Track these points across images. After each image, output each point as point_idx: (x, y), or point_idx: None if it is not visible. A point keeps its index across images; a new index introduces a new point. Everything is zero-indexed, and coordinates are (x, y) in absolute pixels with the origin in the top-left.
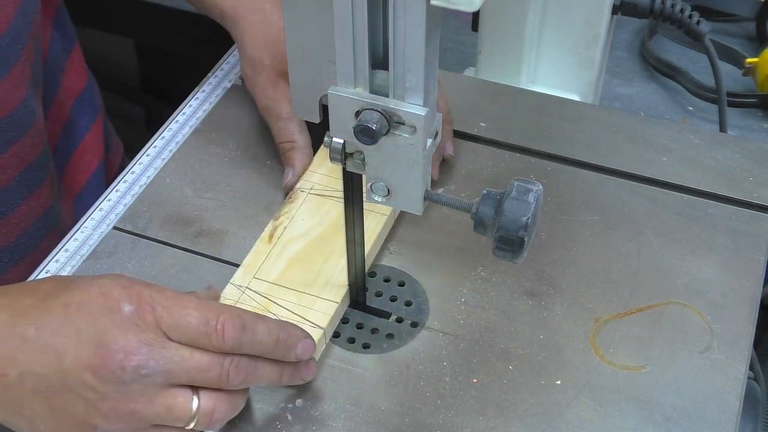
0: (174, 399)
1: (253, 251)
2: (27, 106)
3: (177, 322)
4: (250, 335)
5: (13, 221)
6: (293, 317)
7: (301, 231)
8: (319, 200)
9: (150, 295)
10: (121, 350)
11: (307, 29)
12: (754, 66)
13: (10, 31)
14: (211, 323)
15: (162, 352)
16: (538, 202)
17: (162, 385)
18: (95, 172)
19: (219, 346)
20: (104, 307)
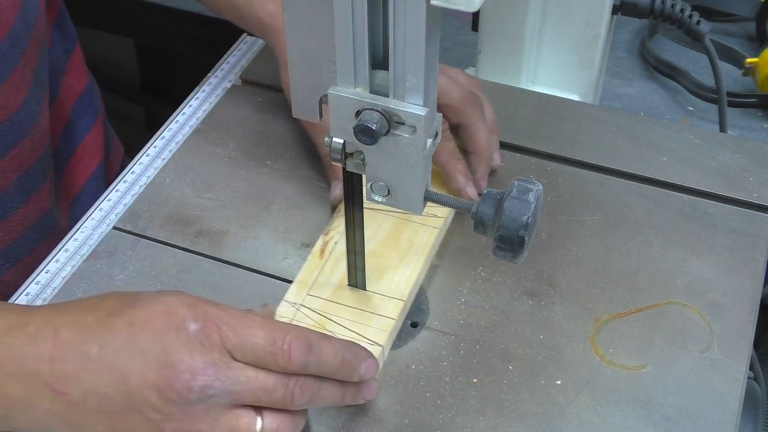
0: (238, 420)
1: (305, 267)
2: (27, 109)
3: (243, 342)
4: (315, 356)
5: (10, 224)
6: (350, 335)
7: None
8: (369, 213)
9: (215, 314)
10: (187, 370)
11: (307, 29)
12: (754, 66)
13: (10, 35)
14: (278, 343)
15: (227, 373)
16: (539, 201)
17: (226, 406)
18: (94, 173)
19: (285, 366)
20: (169, 326)
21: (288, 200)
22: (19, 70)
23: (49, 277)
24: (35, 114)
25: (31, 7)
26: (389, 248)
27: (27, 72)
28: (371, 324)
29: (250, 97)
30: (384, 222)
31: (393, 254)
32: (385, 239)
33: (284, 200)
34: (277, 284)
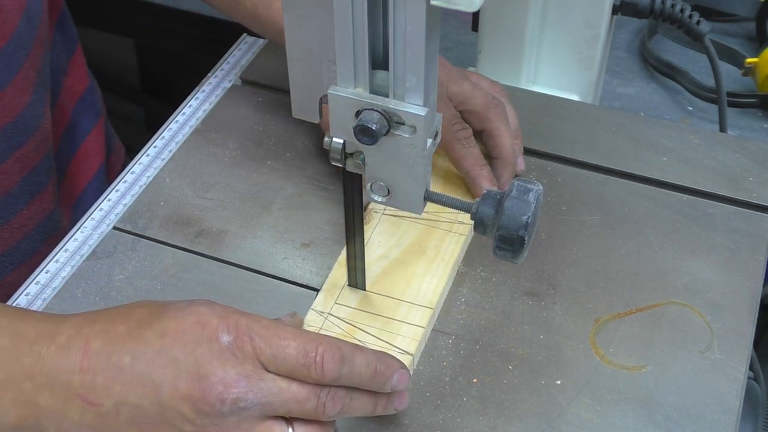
0: (270, 429)
1: (332, 276)
2: (31, 111)
3: (275, 353)
4: (348, 367)
5: (14, 226)
6: (379, 344)
7: (379, 254)
8: (394, 221)
9: (247, 325)
10: (220, 382)
11: (307, 29)
12: (754, 66)
13: (14, 37)
14: (310, 355)
15: (260, 384)
16: (538, 201)
17: (258, 418)
18: (96, 174)
19: (318, 378)
20: (202, 337)
21: (288, 200)
22: (24, 72)
23: (49, 277)
24: (39, 115)
25: (35, 9)
26: (415, 256)
27: (31, 74)
28: (400, 332)
29: (250, 97)
30: (410, 229)
31: (420, 262)
32: (410, 246)
33: (284, 200)
34: (277, 284)
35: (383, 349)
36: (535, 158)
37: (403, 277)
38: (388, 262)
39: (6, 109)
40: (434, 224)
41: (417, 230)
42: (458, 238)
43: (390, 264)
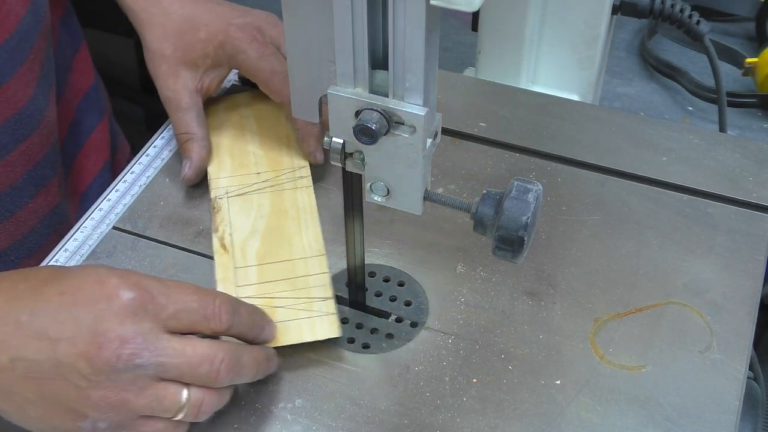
0: (165, 390)
1: (218, 265)
2: (35, 103)
3: (178, 308)
4: (237, 316)
5: (20, 219)
6: (301, 302)
7: (247, 230)
8: (243, 198)
9: (149, 283)
10: (116, 338)
11: (307, 29)
12: (754, 66)
13: (19, 30)
14: (209, 307)
15: (156, 343)
16: (538, 201)
17: (153, 377)
18: (101, 171)
19: (215, 328)
20: (101, 295)
21: None
22: (28, 65)
23: None
24: (43, 108)
25: (40, 3)
26: (281, 219)
27: (35, 67)
28: (310, 285)
29: None
30: (261, 199)
31: (288, 223)
32: (271, 214)
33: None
34: None
35: (308, 302)
36: (535, 158)
37: (282, 240)
38: (261, 234)
39: (10, 101)
40: (280, 187)
41: (268, 198)
42: (308, 190)
43: (263, 235)
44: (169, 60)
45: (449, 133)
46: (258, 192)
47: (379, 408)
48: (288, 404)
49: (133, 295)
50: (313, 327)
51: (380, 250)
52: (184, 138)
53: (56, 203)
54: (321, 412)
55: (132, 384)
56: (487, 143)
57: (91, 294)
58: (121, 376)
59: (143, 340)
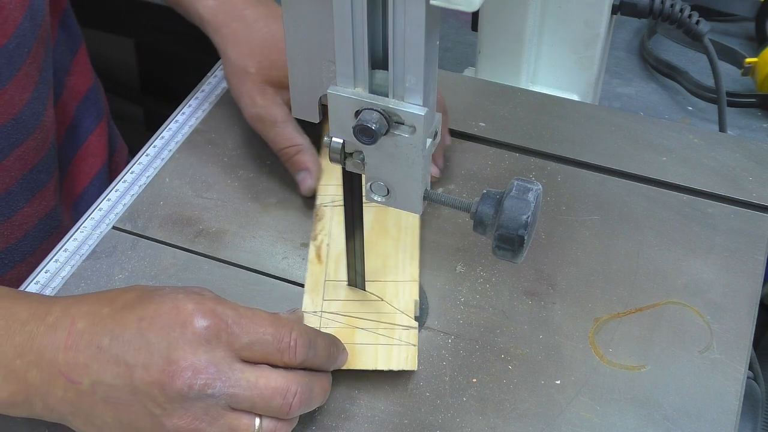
0: (238, 421)
1: (310, 275)
2: (32, 108)
3: (252, 339)
4: (313, 350)
5: (15, 223)
6: (383, 327)
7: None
8: None
9: (223, 312)
10: (189, 367)
11: (307, 29)
12: (754, 66)
13: (17, 35)
14: (284, 340)
15: (229, 374)
16: (538, 201)
17: (225, 407)
18: (98, 174)
19: (289, 362)
20: (176, 322)
21: (287, 200)
22: (25, 69)
23: (49, 276)
24: (40, 113)
25: (38, 7)
26: (380, 237)
27: (32, 71)
28: (396, 310)
29: None
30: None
31: (386, 242)
32: (371, 230)
33: (283, 200)
34: (276, 284)
35: (388, 328)
36: (534, 158)
37: (377, 259)
38: None
39: (7, 106)
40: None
41: (371, 213)
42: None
43: None
44: (254, 77)
45: (449, 133)
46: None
47: (379, 408)
48: None
49: (207, 323)
50: (389, 355)
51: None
52: (293, 151)
53: (52, 207)
54: (320, 412)
55: (205, 413)
56: (487, 143)
57: (166, 321)
58: (194, 405)
59: (216, 371)
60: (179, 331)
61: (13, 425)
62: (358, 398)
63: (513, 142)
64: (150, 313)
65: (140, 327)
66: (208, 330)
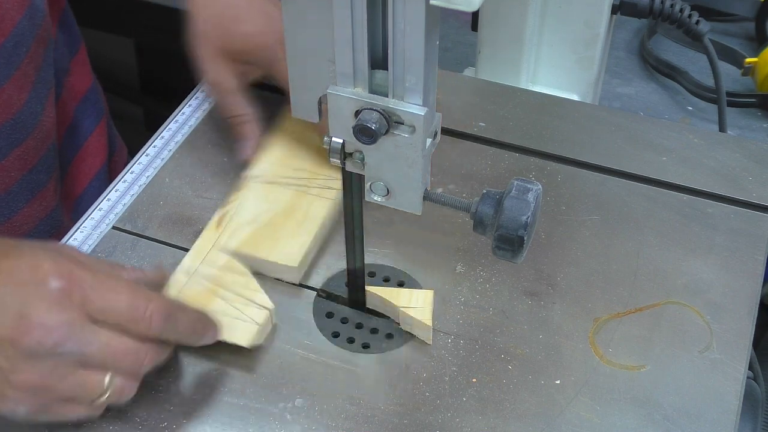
0: (87, 377)
1: (201, 237)
2: (30, 108)
3: (105, 305)
4: (172, 324)
5: (15, 224)
6: (239, 300)
7: (249, 218)
8: (269, 187)
9: (81, 275)
10: (41, 326)
11: (307, 29)
12: (754, 66)
13: (14, 35)
14: (140, 310)
15: (81, 334)
16: (538, 201)
17: (75, 364)
18: (97, 174)
19: (144, 331)
20: (31, 279)
21: None
22: (23, 69)
23: None
24: (38, 113)
25: (37, 7)
26: (285, 219)
27: (30, 71)
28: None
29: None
30: (282, 195)
31: (288, 224)
32: (281, 211)
33: None
34: (275, 283)
35: (243, 304)
36: (534, 158)
37: (271, 238)
38: (258, 225)
39: (5, 106)
40: (305, 190)
41: (289, 195)
42: (326, 202)
43: (259, 227)
44: (212, 43)
45: (449, 133)
46: (284, 186)
47: (379, 408)
48: (288, 404)
49: (61, 285)
50: (231, 327)
51: (380, 250)
52: (238, 120)
53: (52, 207)
54: (320, 412)
55: (54, 370)
56: (487, 143)
57: (21, 277)
58: (43, 362)
59: (68, 330)
60: (33, 288)
61: (13, 425)
62: (358, 398)
63: (513, 142)
64: (7, 267)
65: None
66: (62, 291)
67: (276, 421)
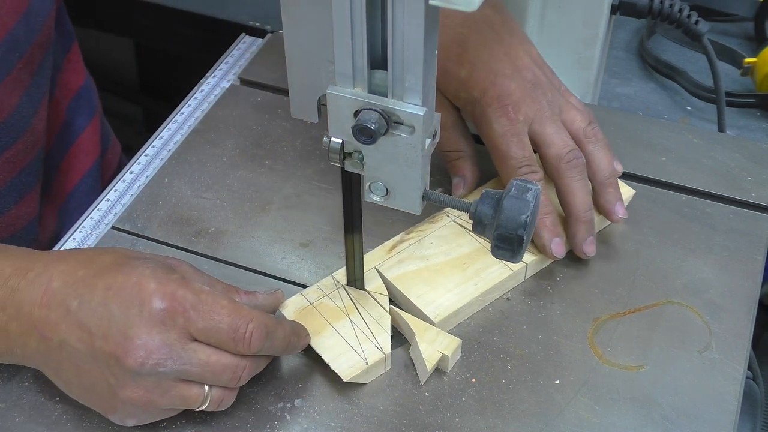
0: (188, 390)
1: (369, 255)
2: (21, 112)
3: (207, 326)
4: (270, 341)
5: (2, 225)
6: (363, 332)
7: (424, 254)
8: (459, 231)
9: (183, 296)
10: (143, 346)
11: (306, 29)
12: (753, 66)
13: (6, 40)
14: (240, 331)
15: (181, 354)
16: (537, 201)
17: (176, 380)
18: (88, 172)
19: (242, 352)
20: (136, 299)
21: (286, 200)
22: (15, 74)
23: None
24: (29, 117)
25: (38, 12)
26: (454, 268)
27: (23, 76)
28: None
29: (249, 97)
30: (466, 243)
31: (454, 277)
32: (455, 260)
33: (282, 200)
34: (275, 284)
35: (364, 338)
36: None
37: (431, 284)
38: (426, 265)
39: None
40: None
41: (472, 248)
42: (506, 270)
43: (427, 268)
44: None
45: None
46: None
47: (378, 408)
48: (287, 404)
49: (165, 306)
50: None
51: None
52: (454, 156)
53: (39, 210)
54: (320, 412)
55: (156, 386)
56: None
57: (128, 296)
58: (146, 380)
59: (169, 351)
60: (138, 309)
61: (13, 425)
62: (358, 398)
63: None
64: (117, 284)
65: (106, 296)
66: (165, 312)
67: (275, 421)
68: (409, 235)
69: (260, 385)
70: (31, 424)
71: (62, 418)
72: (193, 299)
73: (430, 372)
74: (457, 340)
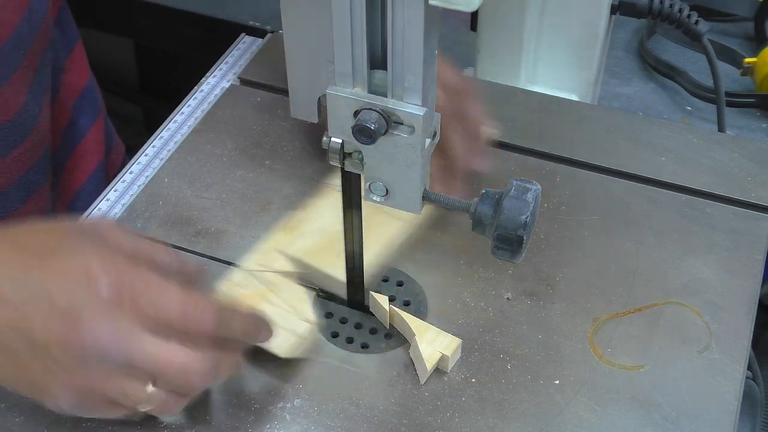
0: (131, 387)
1: (267, 239)
2: (28, 110)
3: (155, 307)
4: (224, 327)
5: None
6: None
7: (319, 226)
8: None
9: (132, 279)
10: (89, 332)
11: (306, 29)
12: (753, 66)
13: (13, 37)
14: (190, 309)
15: (129, 342)
16: (537, 201)
17: (120, 370)
18: (94, 172)
19: (195, 329)
20: (81, 283)
21: (286, 200)
22: (21, 71)
23: None
24: (35, 114)
25: (38, 9)
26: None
27: (29, 73)
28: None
29: (249, 97)
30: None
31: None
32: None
33: (282, 200)
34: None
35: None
36: (533, 158)
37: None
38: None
39: (3, 107)
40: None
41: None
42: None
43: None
44: None
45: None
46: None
47: (378, 408)
48: (287, 404)
49: (112, 290)
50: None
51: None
52: None
53: (47, 208)
54: (320, 412)
55: (99, 373)
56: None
57: (73, 280)
58: (89, 365)
59: (116, 339)
60: (83, 293)
61: (13, 425)
62: (358, 398)
63: (512, 142)
64: (59, 269)
65: (47, 281)
66: (111, 297)
67: (275, 421)
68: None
69: (260, 385)
70: (31, 424)
71: (62, 418)
72: (141, 280)
73: (430, 372)
74: (457, 340)
